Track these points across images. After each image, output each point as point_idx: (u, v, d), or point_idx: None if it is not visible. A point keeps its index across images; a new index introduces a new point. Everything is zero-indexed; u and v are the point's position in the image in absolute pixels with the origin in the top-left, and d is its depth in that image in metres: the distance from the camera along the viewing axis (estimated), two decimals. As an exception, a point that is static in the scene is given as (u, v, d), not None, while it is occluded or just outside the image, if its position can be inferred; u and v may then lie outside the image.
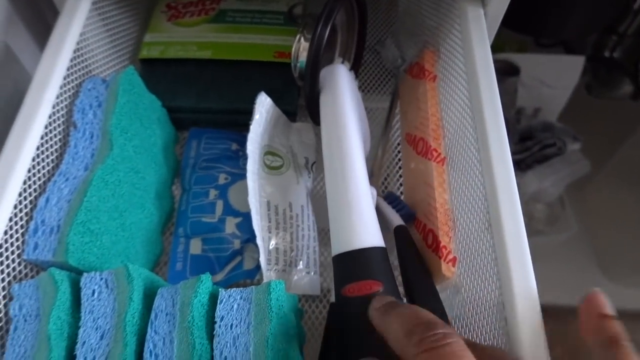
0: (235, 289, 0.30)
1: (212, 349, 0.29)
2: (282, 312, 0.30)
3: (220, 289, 0.31)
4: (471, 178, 0.34)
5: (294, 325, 0.32)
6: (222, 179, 0.41)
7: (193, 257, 0.40)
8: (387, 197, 0.39)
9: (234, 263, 0.39)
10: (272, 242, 0.38)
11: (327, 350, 0.35)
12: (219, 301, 0.30)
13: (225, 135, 0.45)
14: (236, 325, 0.29)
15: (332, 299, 0.36)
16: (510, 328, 0.27)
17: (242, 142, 0.45)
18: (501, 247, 0.29)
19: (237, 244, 0.39)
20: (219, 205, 0.40)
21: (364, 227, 0.32)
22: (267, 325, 0.28)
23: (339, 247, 0.32)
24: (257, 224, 0.37)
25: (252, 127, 0.39)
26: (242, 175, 0.42)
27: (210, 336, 0.30)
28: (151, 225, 0.39)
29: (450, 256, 0.35)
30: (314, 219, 0.40)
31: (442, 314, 0.33)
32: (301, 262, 0.38)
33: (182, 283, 0.31)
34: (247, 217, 0.40)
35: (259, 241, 0.36)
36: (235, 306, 0.30)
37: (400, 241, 0.36)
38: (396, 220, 0.37)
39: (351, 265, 0.31)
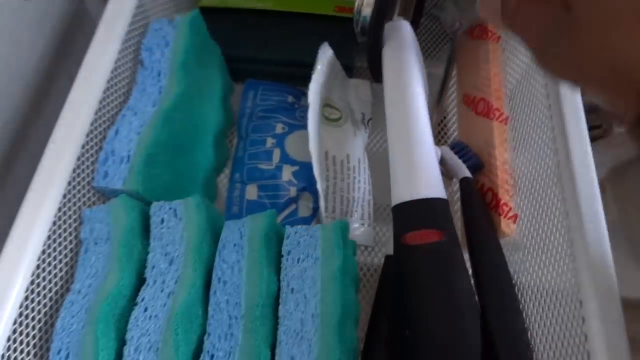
0: (301, 226, 0.31)
1: (278, 281, 0.29)
2: (348, 252, 0.30)
3: (286, 226, 0.31)
4: (539, 135, 0.34)
5: (355, 268, 0.32)
6: (279, 128, 0.42)
7: (249, 203, 0.40)
8: (455, 146, 0.38)
9: (289, 210, 0.40)
10: (330, 191, 0.38)
11: (382, 299, 0.35)
12: (285, 236, 0.30)
13: (281, 87, 0.45)
14: (303, 260, 0.29)
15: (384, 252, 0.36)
16: (581, 276, 0.27)
17: (298, 96, 0.45)
18: (573, 199, 0.29)
19: (293, 191, 0.40)
20: (276, 153, 0.41)
21: (428, 178, 0.32)
22: (335, 261, 0.29)
23: (401, 196, 0.32)
24: (318, 170, 0.37)
25: (313, 77, 0.39)
26: (299, 126, 0.42)
27: (276, 269, 0.30)
28: (208, 167, 0.39)
29: (511, 213, 0.35)
30: (369, 173, 0.41)
31: (505, 269, 0.33)
32: (356, 213, 0.39)
33: (249, 217, 0.31)
34: (303, 166, 0.40)
35: (319, 186, 0.36)
36: (302, 242, 0.30)
37: (466, 193, 0.36)
38: (462, 171, 0.37)
39: (414, 213, 0.31)
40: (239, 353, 0.27)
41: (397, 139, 0.34)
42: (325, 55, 0.40)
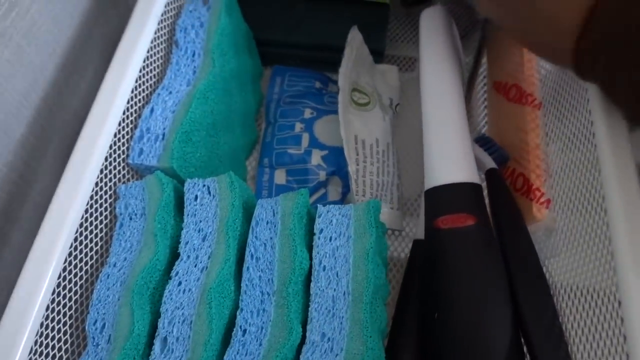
0: (332, 205, 0.31)
1: (310, 259, 0.30)
2: (379, 231, 0.30)
3: (318, 205, 0.31)
4: (575, 117, 0.33)
5: (386, 248, 0.32)
6: (307, 113, 0.42)
7: (278, 187, 0.40)
8: (479, 140, 0.38)
9: (318, 194, 0.40)
10: (360, 174, 0.38)
11: (410, 283, 0.35)
12: (317, 215, 0.30)
13: (308, 73, 0.45)
14: (335, 238, 0.29)
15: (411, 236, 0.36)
16: (621, 275, 0.26)
17: (325, 81, 0.45)
18: (609, 182, 0.29)
19: (322, 175, 0.40)
20: (305, 138, 0.41)
21: (462, 162, 0.32)
22: (367, 240, 0.29)
23: (434, 180, 0.32)
24: (348, 153, 0.37)
25: (343, 61, 0.39)
26: (327, 111, 0.42)
27: (309, 247, 0.30)
28: (238, 150, 0.40)
29: (543, 199, 0.34)
30: (397, 157, 0.40)
31: (535, 264, 0.32)
32: (384, 197, 0.39)
33: (282, 196, 0.31)
34: (332, 150, 0.40)
35: (350, 168, 0.36)
36: (334, 220, 0.30)
37: (493, 184, 0.36)
38: (488, 162, 0.37)
39: (447, 197, 0.31)
40: (271, 328, 0.28)
41: (431, 122, 0.34)
42: (355, 39, 0.40)
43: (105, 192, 0.31)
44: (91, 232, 0.30)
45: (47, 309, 0.27)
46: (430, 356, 0.30)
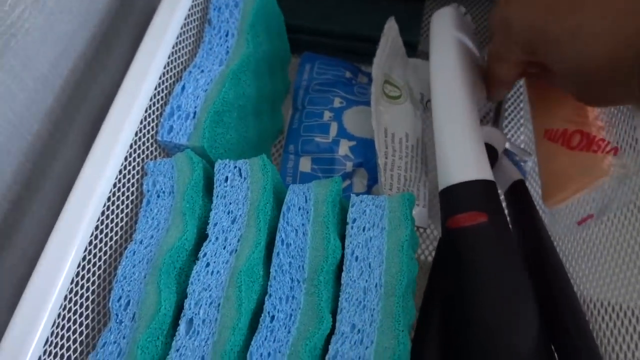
0: (366, 195, 0.30)
1: (342, 248, 0.29)
2: (413, 224, 0.29)
3: (351, 194, 0.30)
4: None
5: (417, 242, 0.31)
6: (337, 102, 0.41)
7: (302, 174, 0.40)
8: (507, 152, 0.38)
9: (344, 185, 0.39)
10: (388, 168, 0.37)
11: (434, 280, 0.34)
12: (350, 204, 0.30)
13: (338, 63, 0.44)
14: (369, 229, 0.29)
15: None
16: None
17: (355, 72, 0.44)
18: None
19: (349, 166, 0.39)
20: (333, 127, 0.40)
21: (471, 159, 0.31)
22: (402, 232, 0.28)
23: (445, 180, 0.31)
24: (378, 145, 0.36)
25: (378, 52, 0.38)
26: (357, 102, 0.41)
27: (341, 236, 0.29)
28: (265, 135, 0.39)
29: (609, 147, 0.33)
30: (426, 154, 0.40)
31: (565, 282, 0.31)
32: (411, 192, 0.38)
33: (315, 182, 0.31)
34: (360, 141, 0.40)
35: (380, 160, 0.36)
36: (368, 211, 0.29)
37: (520, 194, 0.35)
38: (515, 174, 0.36)
39: (455, 198, 0.31)
40: (300, 316, 0.27)
41: (440, 120, 0.33)
42: (392, 30, 0.39)
43: (133, 168, 0.30)
44: (117, 207, 0.29)
45: (71, 282, 0.26)
46: (455, 354, 0.29)
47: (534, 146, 0.38)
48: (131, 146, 0.30)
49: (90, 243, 0.27)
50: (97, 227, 0.27)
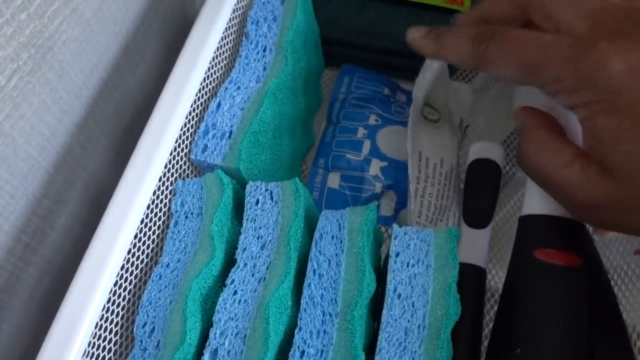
0: (410, 227, 0.29)
1: (377, 281, 0.28)
2: (458, 262, 0.28)
3: (393, 225, 0.29)
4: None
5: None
6: (372, 119, 0.40)
7: (330, 190, 0.39)
8: None
9: (373, 206, 0.38)
10: (418, 194, 0.36)
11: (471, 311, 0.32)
12: (393, 236, 0.28)
13: (378, 78, 0.43)
14: (413, 265, 0.27)
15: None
16: None
17: (394, 89, 0.43)
18: None
19: (378, 187, 0.38)
20: (366, 145, 0.39)
21: None
22: (450, 271, 0.27)
23: (541, 207, 0.29)
24: (412, 169, 0.35)
25: (421, 71, 0.37)
26: (393, 121, 0.40)
27: (376, 268, 0.28)
28: (297, 152, 0.38)
29: None
30: (459, 182, 0.38)
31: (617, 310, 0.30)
32: (441, 223, 0.36)
33: (349, 209, 0.30)
34: (393, 163, 0.38)
35: (411, 185, 0.35)
36: (412, 245, 0.28)
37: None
38: None
39: (555, 230, 0.28)
40: (332, 352, 0.26)
41: None
42: None
43: (167, 188, 0.30)
44: (150, 228, 0.29)
45: (102, 309, 0.25)
46: None
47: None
48: (165, 166, 0.29)
49: (122, 267, 0.26)
50: (129, 251, 0.27)
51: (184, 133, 0.31)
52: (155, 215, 0.29)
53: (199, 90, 0.32)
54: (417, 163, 0.37)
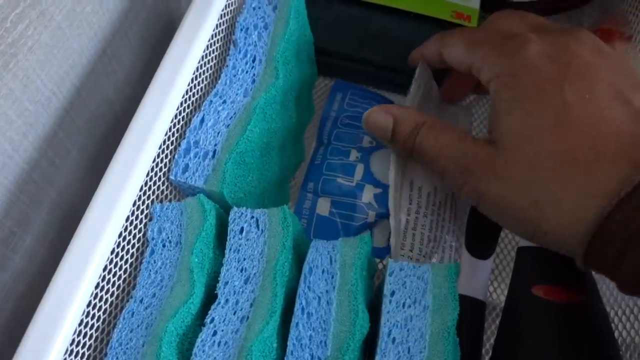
0: (406, 262, 0.27)
1: (370, 321, 0.25)
2: (458, 303, 0.26)
3: (389, 260, 0.27)
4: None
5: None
6: (366, 141, 0.37)
7: (319, 218, 0.36)
8: None
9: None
10: (410, 227, 0.34)
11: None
12: (388, 273, 0.26)
13: (372, 95, 0.40)
14: (409, 305, 0.25)
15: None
16: None
17: (389, 105, 0.40)
18: None
19: (371, 216, 0.35)
20: (359, 170, 0.36)
21: None
22: (449, 314, 0.24)
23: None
24: (392, 201, 0.33)
25: (407, 98, 0.34)
26: (389, 142, 0.38)
27: (369, 302, 0.26)
28: (285, 171, 0.35)
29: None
30: (456, 213, 0.36)
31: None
32: (436, 255, 0.34)
33: (341, 241, 0.27)
34: (387, 190, 0.36)
35: (391, 221, 0.32)
36: (408, 282, 0.26)
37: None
38: None
39: (554, 265, 0.27)
40: (320, 402, 0.24)
41: None
42: (424, 75, 0.35)
43: (142, 212, 0.27)
44: (122, 258, 0.26)
45: (66, 352, 0.22)
46: None
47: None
48: (141, 188, 0.26)
49: (89, 304, 0.24)
50: (97, 285, 0.24)
51: (163, 151, 0.28)
52: (129, 242, 0.26)
53: (181, 103, 0.29)
54: (408, 193, 0.34)
